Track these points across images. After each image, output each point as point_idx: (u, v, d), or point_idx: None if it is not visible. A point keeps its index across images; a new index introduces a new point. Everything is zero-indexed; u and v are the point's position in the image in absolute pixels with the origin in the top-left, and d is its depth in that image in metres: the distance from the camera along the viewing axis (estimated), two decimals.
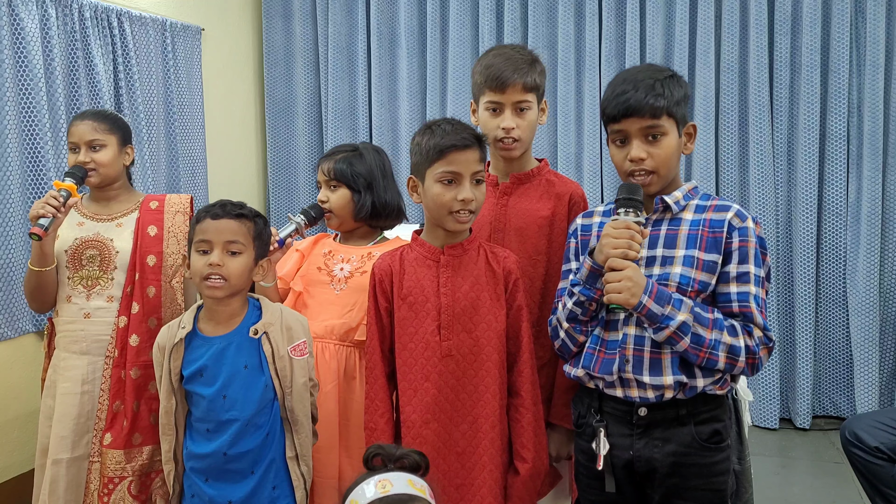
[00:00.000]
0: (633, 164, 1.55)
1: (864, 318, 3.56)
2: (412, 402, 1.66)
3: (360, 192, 2.02)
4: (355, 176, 2.02)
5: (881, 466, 2.32)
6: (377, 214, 2.05)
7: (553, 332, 1.68)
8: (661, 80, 1.55)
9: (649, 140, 1.55)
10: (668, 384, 1.52)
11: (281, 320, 1.77)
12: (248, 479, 1.73)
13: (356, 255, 2.02)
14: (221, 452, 1.71)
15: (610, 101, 1.57)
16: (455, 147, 1.60)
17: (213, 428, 1.73)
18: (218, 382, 1.71)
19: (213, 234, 1.70)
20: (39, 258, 2.03)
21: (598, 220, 1.69)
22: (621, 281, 1.46)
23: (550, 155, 3.97)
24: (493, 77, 1.78)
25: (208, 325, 1.77)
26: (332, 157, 2.06)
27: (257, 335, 1.74)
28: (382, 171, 2.08)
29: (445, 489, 1.65)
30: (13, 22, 2.74)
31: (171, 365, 1.74)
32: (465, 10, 4.05)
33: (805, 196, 3.65)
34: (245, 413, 1.71)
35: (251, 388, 1.72)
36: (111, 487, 2.06)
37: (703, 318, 1.49)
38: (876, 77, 3.51)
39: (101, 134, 2.09)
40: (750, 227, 1.54)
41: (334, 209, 2.03)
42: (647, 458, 1.55)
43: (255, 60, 4.36)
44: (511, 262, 1.72)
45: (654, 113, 1.53)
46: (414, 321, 1.67)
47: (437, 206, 1.63)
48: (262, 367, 1.74)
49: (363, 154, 2.07)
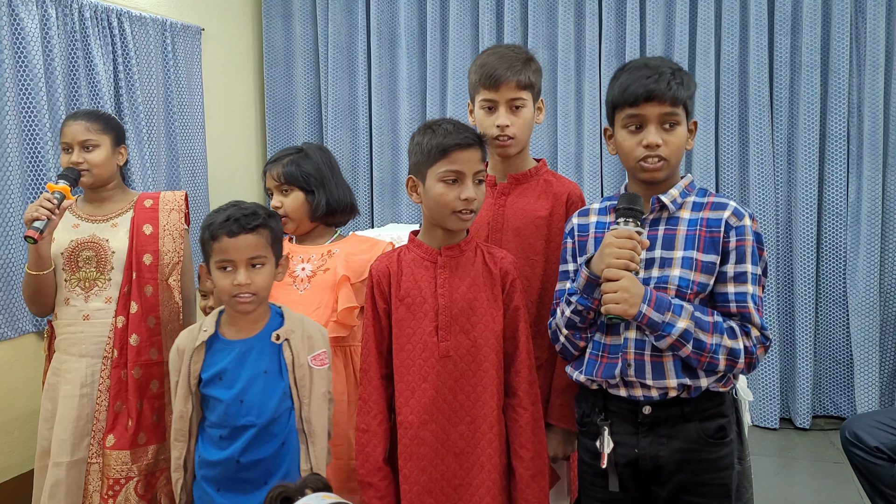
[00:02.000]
0: (647, 149, 1.53)
1: (864, 318, 3.56)
2: (410, 403, 1.66)
3: (313, 192, 2.02)
4: (306, 176, 2.02)
5: (881, 466, 2.32)
6: (332, 212, 2.05)
7: (553, 336, 1.68)
8: (679, 72, 1.56)
9: (665, 128, 1.54)
10: (671, 386, 1.52)
11: (302, 329, 1.75)
12: (261, 489, 1.66)
13: (315, 254, 2.02)
14: (234, 460, 1.68)
15: (629, 84, 1.54)
16: (458, 146, 1.60)
17: (227, 434, 1.69)
18: (237, 386, 1.69)
19: (235, 253, 1.66)
20: (36, 261, 2.02)
21: (595, 220, 1.68)
22: (618, 292, 1.44)
23: (550, 155, 3.97)
24: (488, 75, 1.78)
25: (230, 329, 1.75)
26: (279, 162, 2.05)
27: (279, 341, 1.71)
28: (331, 169, 2.08)
29: (444, 490, 1.65)
30: (13, 22, 2.74)
31: (190, 368, 1.71)
32: (465, 10, 4.05)
33: (805, 196, 3.65)
34: (261, 419, 1.68)
35: (269, 394, 1.69)
36: (117, 489, 2.05)
37: (703, 323, 1.49)
38: (876, 77, 3.51)
39: (94, 134, 2.08)
40: (747, 224, 1.54)
41: (290, 212, 2.02)
42: (652, 455, 1.55)
43: (255, 60, 4.36)
44: (508, 262, 1.71)
45: (675, 101, 1.53)
46: (412, 322, 1.67)
47: (440, 205, 1.62)
48: (281, 374, 1.71)
49: (309, 154, 2.07)
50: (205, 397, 1.73)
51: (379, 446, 1.68)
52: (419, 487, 1.64)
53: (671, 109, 1.53)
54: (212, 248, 1.68)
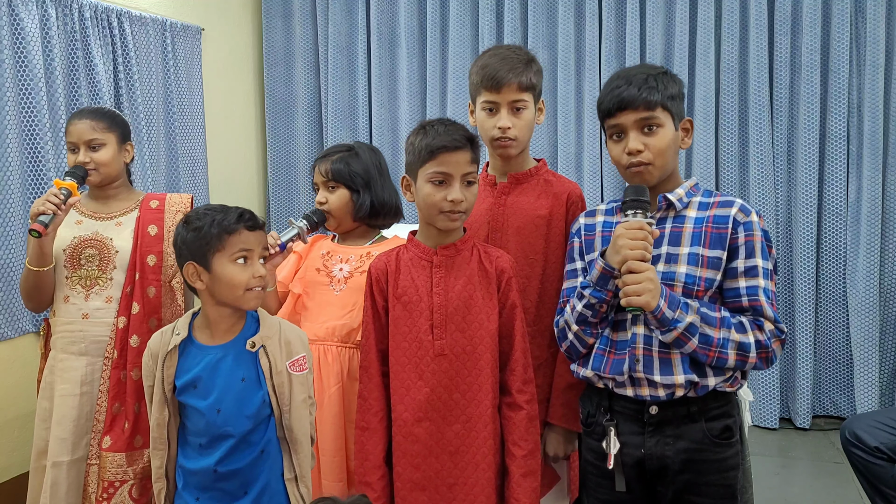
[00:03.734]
0: (630, 156, 1.56)
1: (864, 318, 3.56)
2: (404, 401, 1.66)
3: (358, 191, 2.01)
4: (353, 175, 2.01)
5: (881, 466, 2.32)
6: (376, 213, 2.04)
7: (560, 334, 1.67)
8: (655, 76, 1.57)
9: (645, 132, 1.55)
10: (679, 383, 1.52)
11: (280, 334, 1.69)
12: (241, 500, 1.64)
13: (355, 255, 2.01)
14: (211, 469, 1.62)
15: (605, 96, 1.59)
16: (445, 148, 1.61)
17: (206, 443, 1.64)
18: (212, 395, 1.62)
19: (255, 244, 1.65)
20: (38, 257, 2.00)
21: (602, 220, 1.69)
22: (642, 283, 1.44)
23: (550, 155, 3.97)
24: (489, 77, 1.79)
25: (204, 333, 1.68)
26: (329, 158, 2.04)
27: (255, 348, 1.65)
28: (379, 170, 2.07)
29: (437, 488, 1.65)
30: (13, 22, 2.74)
31: (163, 374, 1.64)
32: (465, 10, 4.05)
33: (805, 196, 3.65)
34: (240, 429, 1.62)
35: (246, 403, 1.63)
36: (111, 492, 2.03)
37: (710, 318, 1.49)
38: (876, 77, 3.51)
39: (99, 133, 2.07)
40: (754, 220, 1.55)
41: (333, 210, 2.02)
42: (658, 455, 1.55)
43: (255, 60, 4.37)
44: (504, 261, 1.72)
45: (648, 105, 1.54)
46: (407, 320, 1.67)
47: (428, 205, 1.64)
48: (259, 382, 1.65)
49: (359, 153, 2.06)
50: (182, 405, 1.67)
51: (378, 444, 1.68)
52: (412, 485, 1.64)
53: (647, 114, 1.55)
54: (225, 241, 1.62)
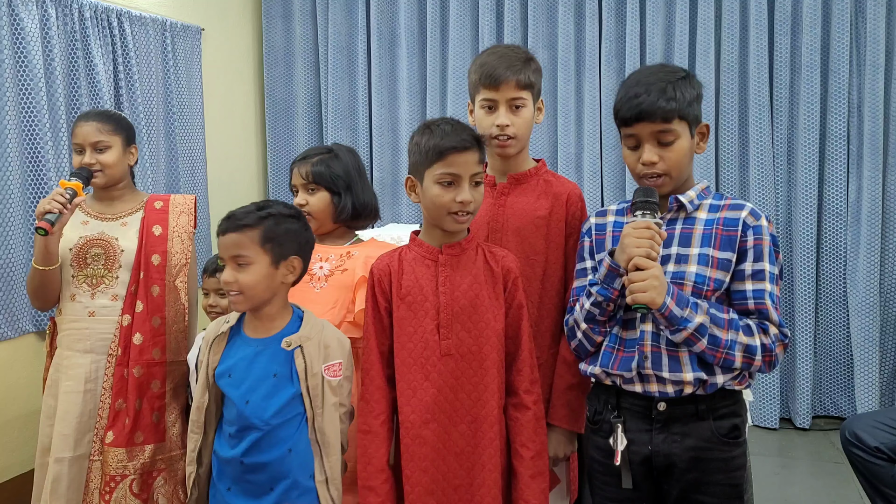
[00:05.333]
0: (645, 167, 1.57)
1: (864, 318, 3.56)
2: (411, 403, 1.65)
3: (339, 194, 2.00)
4: (335, 178, 1.99)
5: (881, 466, 2.32)
6: (357, 215, 2.03)
7: (570, 333, 1.68)
8: (673, 83, 1.56)
9: (660, 144, 1.56)
10: (688, 380, 1.52)
11: (321, 336, 1.68)
12: (268, 495, 1.64)
13: (334, 254, 2.01)
14: (238, 460, 1.64)
15: (623, 104, 1.58)
16: (455, 149, 1.60)
17: (235, 433, 1.66)
18: (243, 386, 1.65)
19: (223, 251, 1.66)
20: (44, 256, 2.03)
21: (612, 220, 1.70)
22: (647, 280, 1.45)
23: (550, 155, 3.97)
24: (488, 74, 1.79)
25: (250, 326, 1.72)
26: (309, 160, 2.02)
27: (290, 348, 1.66)
28: (358, 172, 2.06)
29: (444, 490, 1.64)
30: (13, 22, 2.74)
31: (209, 358, 1.70)
32: (465, 10, 4.05)
33: (805, 196, 3.65)
34: (266, 423, 1.63)
35: (274, 398, 1.64)
36: (112, 486, 2.06)
37: (719, 319, 1.50)
38: (876, 77, 3.51)
39: (105, 135, 2.10)
40: (764, 225, 1.56)
41: (314, 212, 1.99)
42: (665, 453, 1.55)
43: (255, 60, 4.36)
44: (510, 260, 1.71)
45: (666, 117, 1.54)
46: (413, 321, 1.67)
47: (436, 206, 1.63)
48: (292, 379, 1.65)
49: (339, 155, 2.04)
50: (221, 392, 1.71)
51: (381, 448, 1.65)
52: (421, 489, 1.63)
53: (663, 126, 1.54)
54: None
